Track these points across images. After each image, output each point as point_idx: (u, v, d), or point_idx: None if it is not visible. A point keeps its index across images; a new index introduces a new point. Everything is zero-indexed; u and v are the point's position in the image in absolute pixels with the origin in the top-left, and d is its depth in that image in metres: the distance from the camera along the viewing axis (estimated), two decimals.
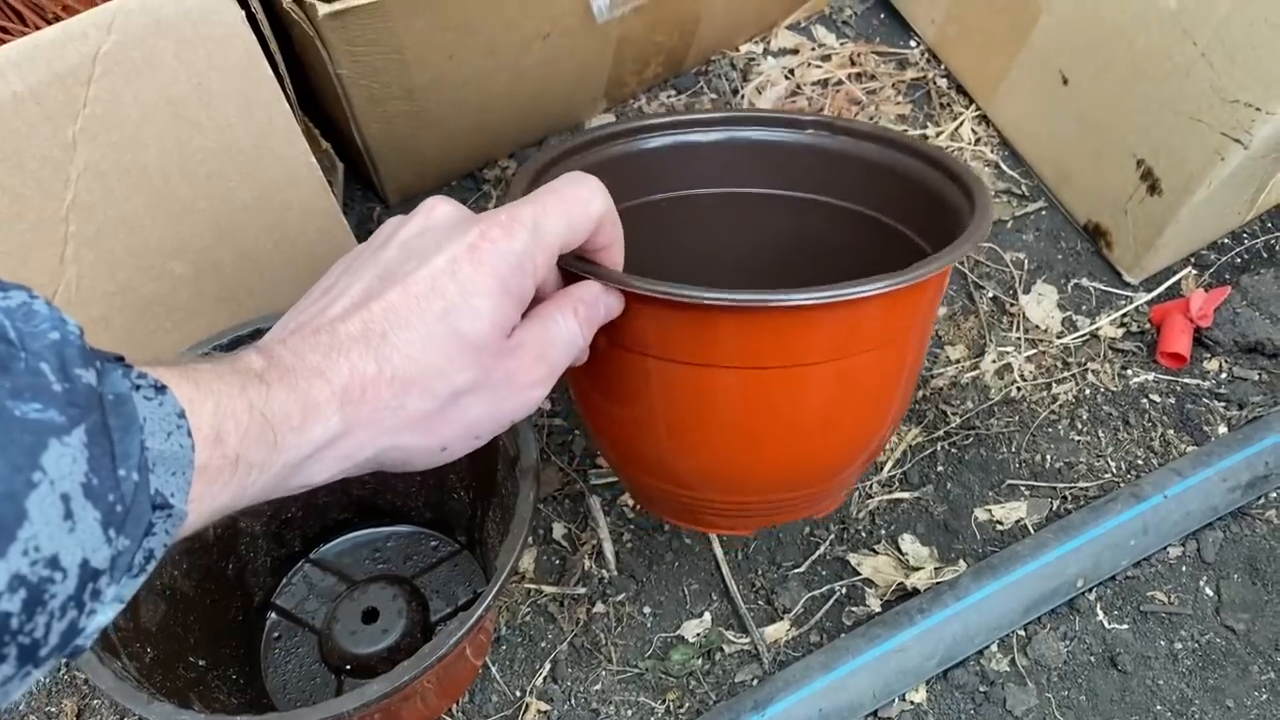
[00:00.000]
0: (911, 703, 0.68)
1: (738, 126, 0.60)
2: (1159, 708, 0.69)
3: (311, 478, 0.37)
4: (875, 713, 0.67)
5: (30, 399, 0.26)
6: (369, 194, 0.85)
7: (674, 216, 0.61)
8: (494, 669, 0.69)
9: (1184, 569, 0.74)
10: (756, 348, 0.45)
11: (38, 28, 0.71)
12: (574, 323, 0.43)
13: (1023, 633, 0.71)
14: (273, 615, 0.70)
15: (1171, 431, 0.79)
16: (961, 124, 0.91)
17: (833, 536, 0.74)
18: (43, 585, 0.26)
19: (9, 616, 0.25)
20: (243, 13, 0.56)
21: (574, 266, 0.45)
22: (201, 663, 0.61)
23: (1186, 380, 0.81)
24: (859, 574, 0.72)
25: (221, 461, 0.33)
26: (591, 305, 0.44)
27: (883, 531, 0.74)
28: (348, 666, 0.66)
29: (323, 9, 0.62)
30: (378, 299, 0.38)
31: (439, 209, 0.41)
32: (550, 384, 0.42)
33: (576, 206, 0.41)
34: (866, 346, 0.47)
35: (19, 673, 0.26)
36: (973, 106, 0.91)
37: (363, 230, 0.84)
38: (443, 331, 0.38)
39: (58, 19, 0.71)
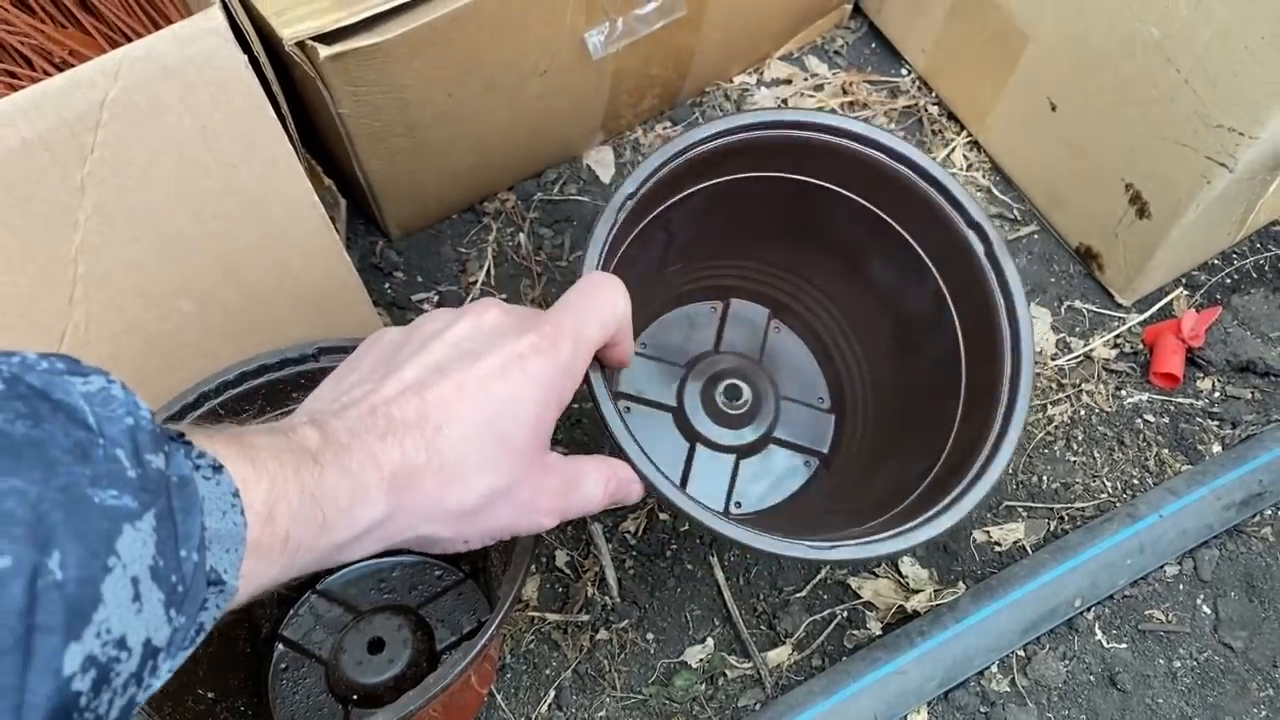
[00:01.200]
0: None
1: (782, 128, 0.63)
2: None
3: (352, 555, 0.39)
4: None
5: (107, 485, 0.27)
6: (371, 229, 0.86)
7: (716, 199, 0.66)
8: (499, 697, 0.70)
9: (1181, 587, 0.75)
10: None
11: (46, 73, 0.73)
12: (600, 491, 0.46)
13: (1022, 653, 0.71)
14: (280, 646, 0.70)
15: (1166, 451, 0.79)
16: (953, 150, 0.92)
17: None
18: (110, 665, 0.27)
19: (79, 695, 0.26)
20: (245, 57, 0.57)
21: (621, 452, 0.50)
22: (210, 695, 0.62)
23: (1180, 400, 0.82)
24: (859, 597, 0.73)
25: (272, 539, 0.34)
26: (623, 485, 0.47)
27: None
28: (354, 697, 0.66)
29: (324, 51, 0.64)
30: (431, 389, 0.40)
31: (490, 313, 0.43)
32: (558, 520, 0.44)
33: (607, 310, 0.45)
34: None
35: None
36: (964, 133, 0.93)
37: (365, 266, 0.85)
38: (491, 434, 0.40)
39: (66, 64, 0.73)
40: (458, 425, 0.39)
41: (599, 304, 0.45)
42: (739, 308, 0.76)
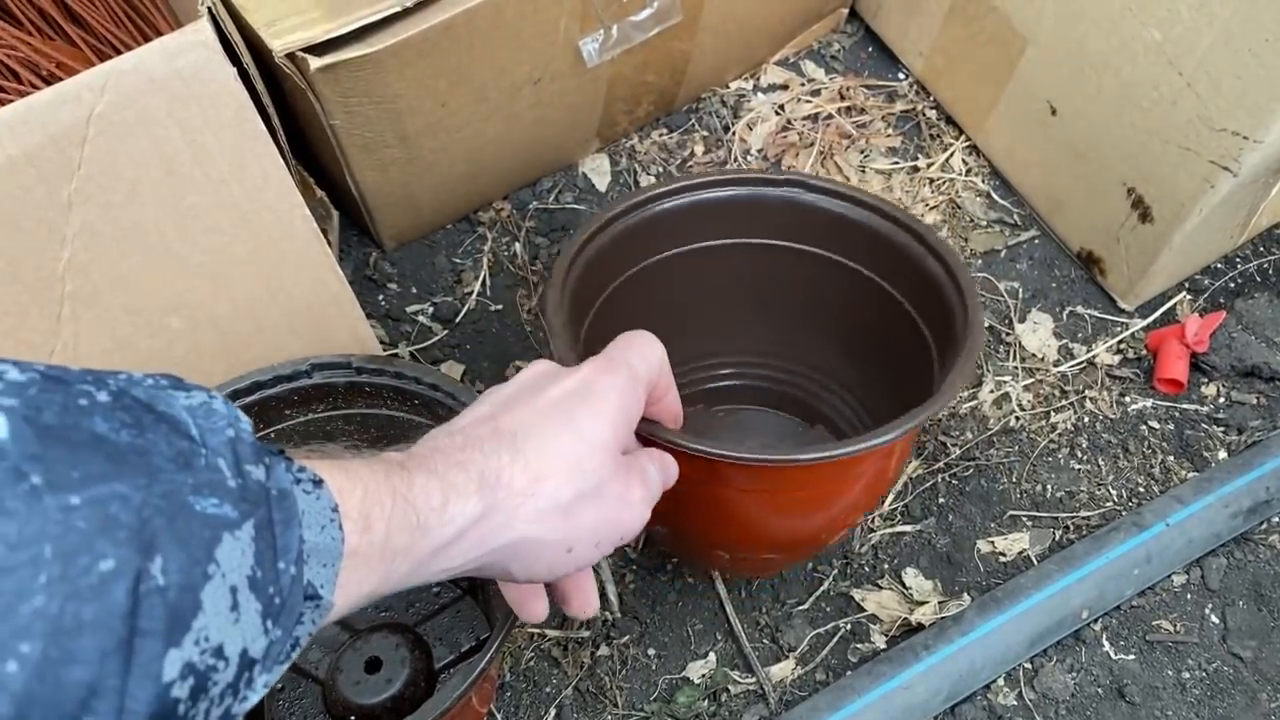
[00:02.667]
0: None
1: (735, 186, 0.66)
2: None
3: (449, 563, 0.38)
4: None
5: (209, 494, 0.28)
6: (365, 240, 0.85)
7: (686, 265, 0.67)
8: (500, 716, 0.69)
9: (1189, 597, 0.74)
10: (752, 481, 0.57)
11: (33, 86, 0.71)
12: (655, 468, 0.47)
13: (1029, 666, 0.70)
14: None
15: (1171, 458, 0.79)
16: (952, 155, 0.91)
17: (836, 572, 0.74)
18: (208, 674, 0.27)
19: (178, 703, 0.26)
20: (234, 69, 0.56)
21: (651, 433, 0.52)
22: None
23: (1185, 406, 0.81)
24: (863, 610, 0.72)
25: (369, 547, 0.34)
26: (664, 464, 0.48)
27: (886, 565, 0.74)
28: (352, 717, 0.65)
29: (314, 63, 0.63)
30: (504, 415, 0.41)
31: (540, 363, 0.46)
32: (650, 505, 0.45)
33: (647, 349, 0.47)
34: (837, 479, 0.59)
35: None
36: (963, 137, 0.92)
37: (359, 277, 0.84)
38: (571, 436, 0.41)
39: (53, 77, 0.72)
40: (537, 434, 0.41)
41: (635, 345, 0.47)
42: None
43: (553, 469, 0.40)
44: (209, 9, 0.57)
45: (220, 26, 0.58)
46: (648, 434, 0.52)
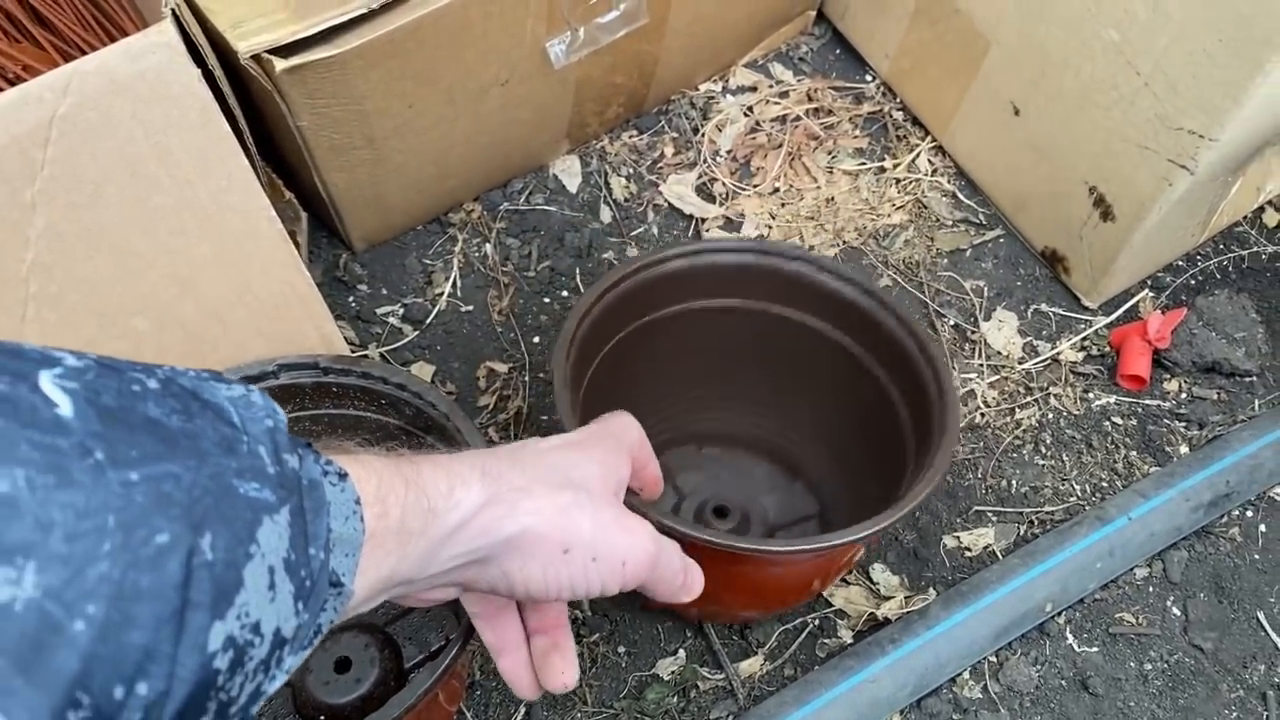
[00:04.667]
0: None
1: (738, 254, 0.69)
2: None
3: (455, 549, 0.39)
4: None
5: (250, 479, 0.29)
6: (335, 241, 0.86)
7: (686, 321, 0.71)
8: (469, 715, 0.69)
9: (1151, 590, 0.75)
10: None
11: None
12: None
13: (994, 659, 0.71)
14: None
15: (1134, 453, 0.80)
16: (918, 155, 0.92)
17: None
18: (245, 648, 0.28)
19: (218, 674, 0.28)
20: (198, 71, 0.57)
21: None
22: None
23: (1147, 401, 0.82)
24: (831, 605, 0.73)
25: (385, 531, 0.35)
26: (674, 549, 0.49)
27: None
28: (321, 717, 0.65)
29: (280, 64, 0.63)
30: (494, 458, 0.43)
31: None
32: (653, 541, 0.45)
33: (627, 422, 0.50)
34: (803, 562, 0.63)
35: None
36: (929, 138, 0.93)
37: (329, 279, 0.84)
38: (563, 461, 0.44)
39: (19, 79, 0.71)
40: (531, 457, 0.43)
41: (617, 419, 0.50)
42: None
43: (544, 477, 0.42)
44: (173, 10, 0.57)
45: (185, 28, 0.59)
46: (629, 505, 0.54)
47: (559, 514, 0.42)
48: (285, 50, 0.63)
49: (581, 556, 0.42)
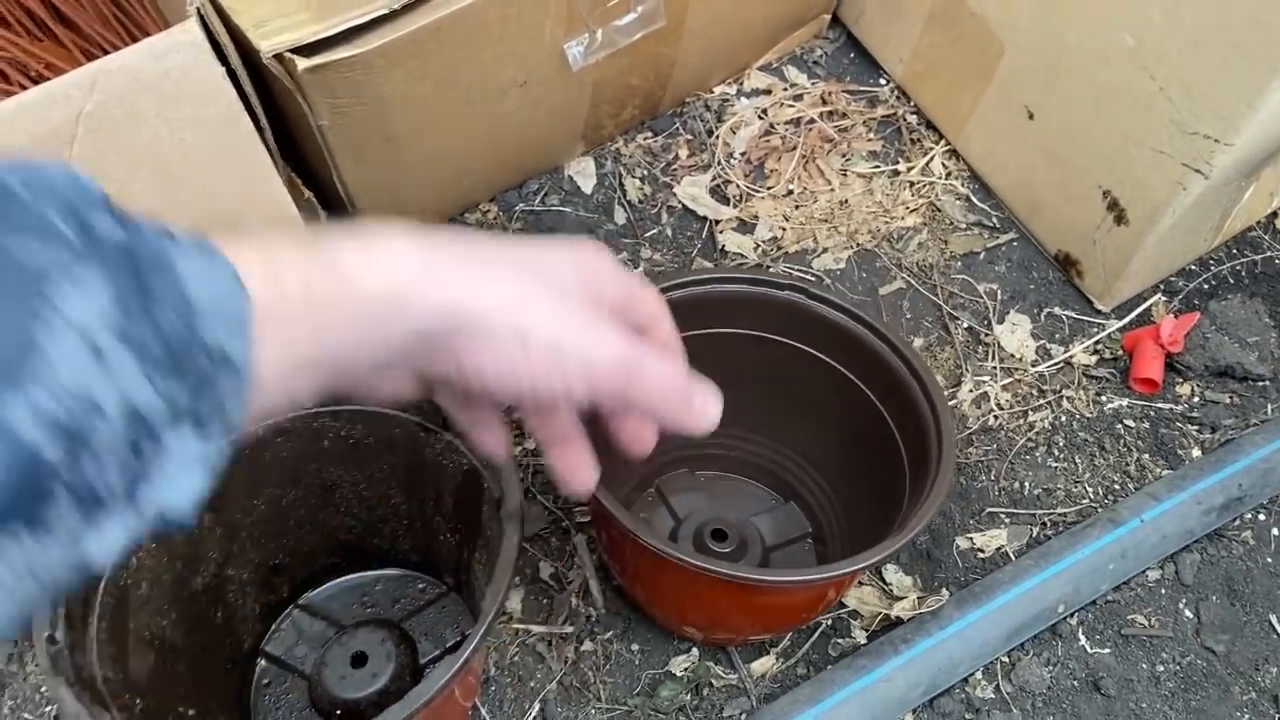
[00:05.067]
0: None
1: (744, 284, 0.70)
2: None
3: (390, 328, 0.35)
4: None
5: (27, 238, 0.26)
6: None
7: (690, 346, 0.70)
8: (484, 710, 0.69)
9: (1163, 592, 0.75)
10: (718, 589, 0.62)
11: (22, 86, 0.72)
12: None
13: (1006, 659, 0.71)
14: (262, 662, 0.70)
15: (1147, 456, 0.80)
16: (932, 159, 0.92)
17: None
18: (80, 424, 0.26)
19: (40, 449, 0.25)
20: (223, 69, 0.57)
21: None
22: (191, 712, 0.62)
23: (1160, 405, 0.82)
24: (844, 605, 0.73)
25: (282, 302, 0.31)
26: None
27: None
28: (338, 712, 0.66)
29: (302, 63, 0.64)
30: (430, 232, 0.38)
31: None
32: (629, 344, 0.40)
33: (601, 249, 0.42)
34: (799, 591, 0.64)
35: (87, 522, 0.27)
36: (942, 142, 0.93)
37: None
38: (522, 265, 0.38)
39: (41, 78, 0.72)
40: (486, 246, 0.38)
41: (590, 244, 0.43)
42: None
43: (507, 260, 0.38)
44: (198, 9, 0.58)
45: (208, 27, 0.59)
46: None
47: (516, 298, 0.37)
48: (307, 50, 0.64)
49: (540, 348, 0.37)
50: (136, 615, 0.60)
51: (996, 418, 0.81)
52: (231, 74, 0.61)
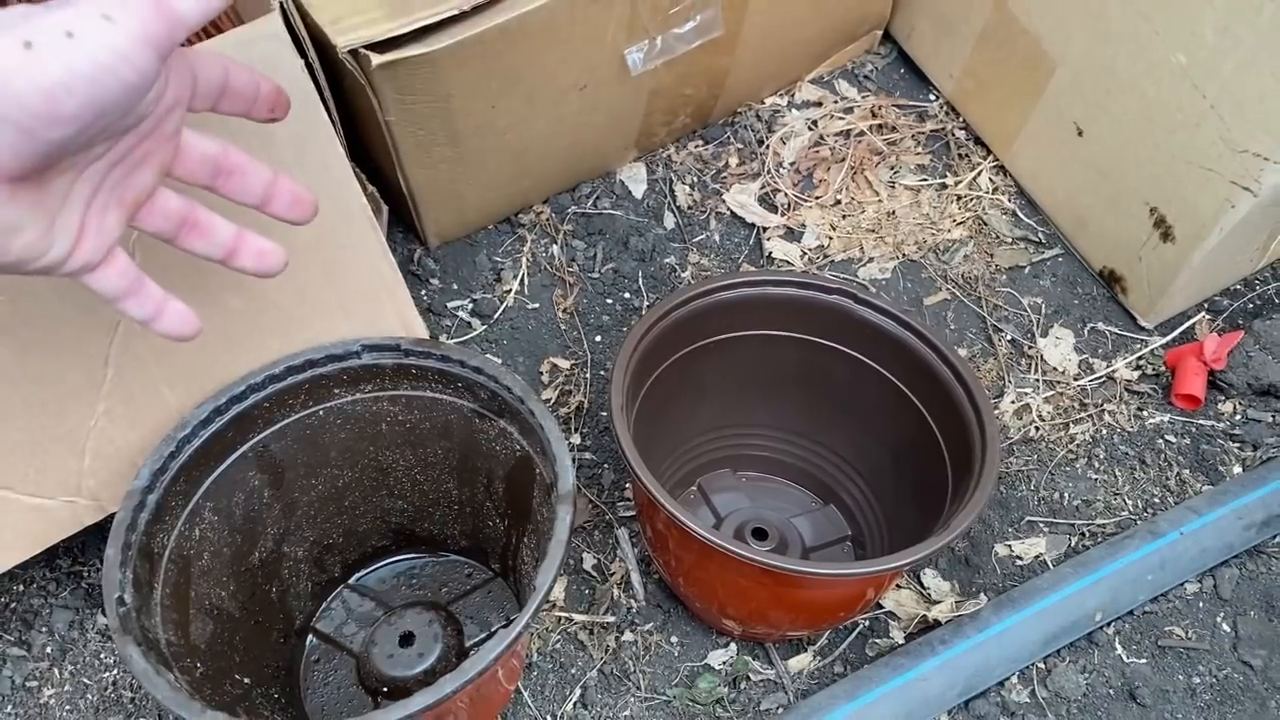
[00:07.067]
0: None
1: (793, 287, 0.71)
2: None
3: None
4: None
5: None
6: (410, 236, 0.89)
7: (736, 348, 0.74)
8: (526, 694, 0.71)
9: (1201, 605, 0.75)
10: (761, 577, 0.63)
11: None
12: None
13: (1042, 665, 0.72)
14: (312, 638, 0.72)
15: (1187, 471, 0.80)
16: (979, 174, 0.94)
17: None
18: None
19: None
20: (301, 61, 0.60)
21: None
22: (246, 680, 0.64)
23: (1201, 421, 0.83)
24: (882, 607, 0.74)
25: None
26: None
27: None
28: (384, 689, 0.68)
29: (376, 59, 0.66)
30: None
31: None
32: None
33: None
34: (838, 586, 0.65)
35: None
36: (990, 157, 0.94)
37: (404, 272, 0.87)
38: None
39: None
40: None
41: None
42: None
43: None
44: (280, 4, 0.60)
45: (289, 21, 0.62)
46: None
47: None
48: (381, 46, 0.67)
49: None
50: (198, 584, 0.62)
51: (1038, 429, 0.82)
52: (308, 67, 0.63)
